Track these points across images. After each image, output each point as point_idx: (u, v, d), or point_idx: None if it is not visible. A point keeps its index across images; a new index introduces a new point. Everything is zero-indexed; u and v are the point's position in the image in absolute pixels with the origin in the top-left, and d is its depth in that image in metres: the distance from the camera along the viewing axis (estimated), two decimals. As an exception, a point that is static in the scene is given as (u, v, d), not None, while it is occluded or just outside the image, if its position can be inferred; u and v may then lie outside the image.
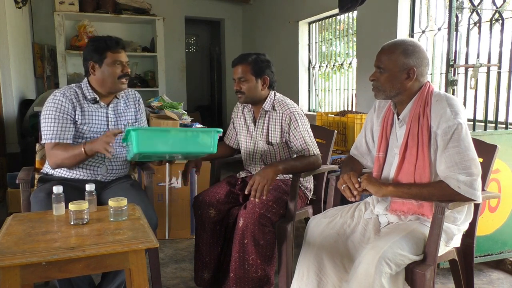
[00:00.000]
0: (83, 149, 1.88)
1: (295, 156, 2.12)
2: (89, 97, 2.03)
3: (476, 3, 2.45)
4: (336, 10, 4.12)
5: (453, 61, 2.29)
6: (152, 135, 1.69)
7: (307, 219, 2.20)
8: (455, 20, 2.27)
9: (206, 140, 1.75)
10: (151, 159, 2.02)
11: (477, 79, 2.37)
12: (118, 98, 2.12)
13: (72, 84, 2.09)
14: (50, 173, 2.07)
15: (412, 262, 1.53)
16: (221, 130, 1.79)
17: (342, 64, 4.65)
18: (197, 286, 2.21)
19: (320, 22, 5.01)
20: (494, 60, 2.48)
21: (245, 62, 2.10)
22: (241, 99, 2.16)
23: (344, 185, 1.66)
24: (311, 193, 2.31)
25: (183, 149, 1.76)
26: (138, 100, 2.22)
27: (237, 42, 6.71)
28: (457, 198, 1.53)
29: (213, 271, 2.18)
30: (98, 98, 2.04)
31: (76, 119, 2.00)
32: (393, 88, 1.63)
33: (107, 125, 2.07)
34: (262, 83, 2.12)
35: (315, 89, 5.17)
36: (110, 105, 2.09)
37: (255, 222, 1.93)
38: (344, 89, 4.65)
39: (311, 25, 5.15)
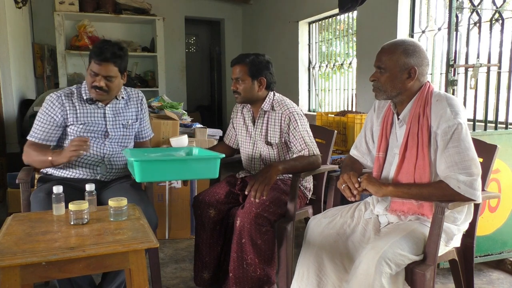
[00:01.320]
0: (50, 158, 1.91)
1: (294, 156, 2.12)
2: (85, 97, 2.04)
3: (476, 3, 2.45)
4: (336, 10, 4.12)
5: (453, 61, 2.29)
6: (155, 166, 1.67)
7: (307, 219, 2.20)
8: (455, 20, 2.27)
9: (209, 167, 1.74)
10: None
11: (477, 79, 2.37)
12: (118, 99, 2.11)
13: (74, 85, 2.11)
14: (49, 173, 2.07)
15: (412, 262, 1.53)
16: (223, 155, 1.77)
17: (342, 64, 4.65)
18: (197, 286, 2.21)
19: (320, 22, 5.01)
20: (494, 60, 2.48)
21: (242, 63, 2.09)
22: (237, 99, 2.16)
23: (344, 185, 1.66)
24: (311, 193, 2.31)
25: (186, 177, 1.79)
26: (141, 100, 2.21)
27: (237, 42, 6.71)
28: (457, 198, 1.53)
29: (213, 271, 2.18)
30: (102, 96, 2.03)
31: (68, 123, 2.01)
32: (394, 88, 1.63)
33: (105, 124, 2.07)
34: (258, 84, 2.12)
35: (315, 89, 5.17)
36: (108, 105, 2.08)
37: (251, 221, 1.93)
38: (344, 89, 4.65)
39: (311, 25, 5.15)
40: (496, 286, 2.32)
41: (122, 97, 2.14)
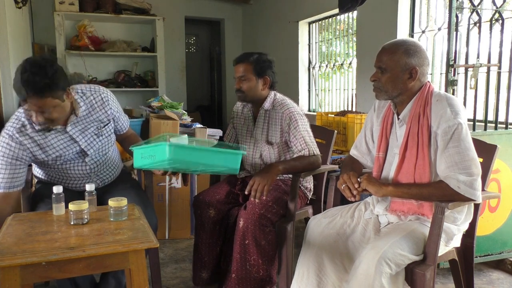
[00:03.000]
0: None
1: (295, 156, 2.12)
2: (37, 128, 1.75)
3: (476, 3, 2.45)
4: (336, 10, 4.12)
5: (453, 61, 2.29)
6: (186, 153, 1.55)
7: (307, 219, 2.20)
8: (455, 20, 2.27)
9: (233, 161, 1.65)
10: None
11: (477, 79, 2.37)
12: (75, 114, 1.83)
13: (20, 113, 1.77)
14: (43, 179, 2.02)
15: (412, 262, 1.53)
16: (245, 152, 1.69)
17: (342, 64, 4.65)
18: (196, 285, 2.21)
19: (320, 22, 5.01)
20: (494, 60, 2.48)
21: (247, 61, 2.09)
22: (240, 98, 2.15)
23: (344, 185, 1.66)
24: (311, 193, 2.31)
25: (211, 167, 1.64)
26: (106, 102, 1.93)
27: (237, 42, 6.70)
28: (457, 198, 1.53)
29: (211, 271, 2.18)
30: (50, 126, 1.76)
31: (38, 160, 1.81)
32: (395, 88, 1.63)
33: (79, 145, 1.87)
34: (262, 83, 2.12)
35: (315, 89, 5.17)
36: (68, 125, 1.82)
37: (255, 222, 1.93)
38: (344, 89, 4.65)
39: (311, 25, 5.15)
40: (496, 286, 2.32)
41: (81, 107, 1.85)
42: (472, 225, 1.76)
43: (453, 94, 2.29)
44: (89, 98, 1.90)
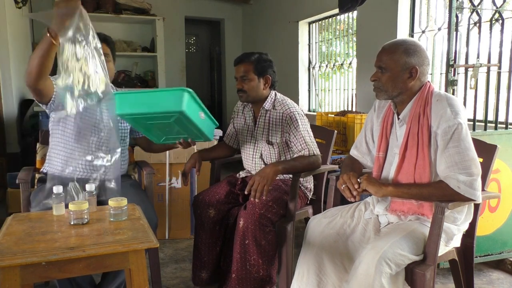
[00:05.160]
0: (47, 34, 1.60)
1: (295, 156, 2.12)
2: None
3: (476, 3, 2.45)
4: (336, 10, 4.12)
5: (453, 61, 2.29)
6: (127, 96, 1.76)
7: (307, 219, 2.20)
8: (455, 20, 2.27)
9: (174, 99, 1.72)
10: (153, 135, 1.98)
11: (477, 79, 2.37)
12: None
13: None
14: (48, 171, 2.05)
15: (412, 262, 1.53)
16: (190, 90, 1.73)
17: (342, 64, 4.65)
18: (195, 285, 2.21)
19: (320, 22, 5.01)
20: (494, 60, 2.48)
21: (248, 61, 2.10)
22: (242, 98, 2.15)
23: (344, 185, 1.66)
24: (311, 193, 2.31)
25: (155, 109, 1.74)
26: None
27: (237, 42, 6.70)
28: (457, 198, 1.53)
29: (211, 271, 2.18)
30: None
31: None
32: (395, 88, 1.63)
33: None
34: (264, 82, 2.12)
35: (315, 89, 5.17)
36: None
37: (256, 222, 1.93)
38: (344, 89, 4.65)
39: (311, 25, 5.15)
40: (496, 286, 2.32)
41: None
42: (472, 225, 1.76)
43: (453, 94, 2.29)
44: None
